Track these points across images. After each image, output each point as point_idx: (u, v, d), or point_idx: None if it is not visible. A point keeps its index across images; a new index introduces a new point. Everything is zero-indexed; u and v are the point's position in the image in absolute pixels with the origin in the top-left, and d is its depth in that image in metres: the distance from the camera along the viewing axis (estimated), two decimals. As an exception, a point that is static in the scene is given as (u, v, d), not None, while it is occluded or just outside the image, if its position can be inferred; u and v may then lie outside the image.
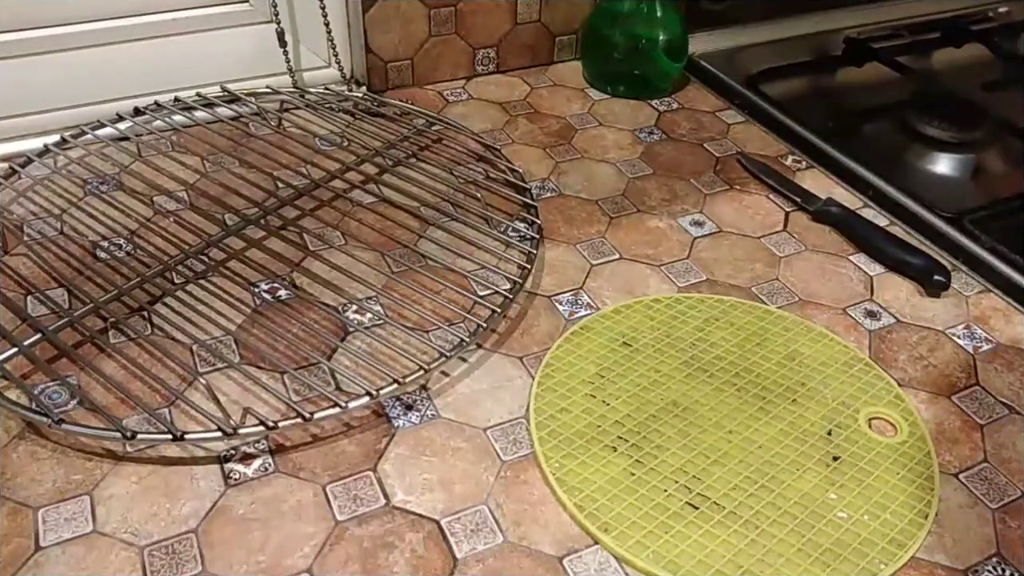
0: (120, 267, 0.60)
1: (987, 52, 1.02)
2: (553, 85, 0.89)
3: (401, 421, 0.52)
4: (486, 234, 0.66)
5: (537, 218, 0.67)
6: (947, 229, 0.68)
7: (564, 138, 0.80)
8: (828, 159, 0.77)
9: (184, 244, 0.62)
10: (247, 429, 0.49)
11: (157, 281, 0.60)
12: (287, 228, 0.66)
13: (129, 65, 0.80)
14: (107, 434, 0.48)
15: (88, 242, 0.63)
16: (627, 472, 0.48)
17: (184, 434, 0.48)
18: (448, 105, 0.84)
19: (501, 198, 0.70)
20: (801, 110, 0.84)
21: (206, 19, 0.84)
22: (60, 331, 0.55)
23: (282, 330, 0.56)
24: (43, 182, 0.69)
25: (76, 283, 0.59)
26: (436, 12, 0.83)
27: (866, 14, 1.04)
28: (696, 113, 0.85)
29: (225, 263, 0.62)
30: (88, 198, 0.67)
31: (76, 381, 0.52)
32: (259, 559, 0.44)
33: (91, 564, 0.43)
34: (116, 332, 0.56)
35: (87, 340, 0.55)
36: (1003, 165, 0.82)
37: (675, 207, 0.71)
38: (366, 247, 0.64)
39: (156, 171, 0.70)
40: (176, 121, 0.76)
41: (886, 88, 0.93)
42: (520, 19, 0.88)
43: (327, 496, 0.47)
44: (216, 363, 0.54)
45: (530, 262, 0.62)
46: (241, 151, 0.74)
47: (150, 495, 0.46)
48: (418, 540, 0.45)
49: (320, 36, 0.81)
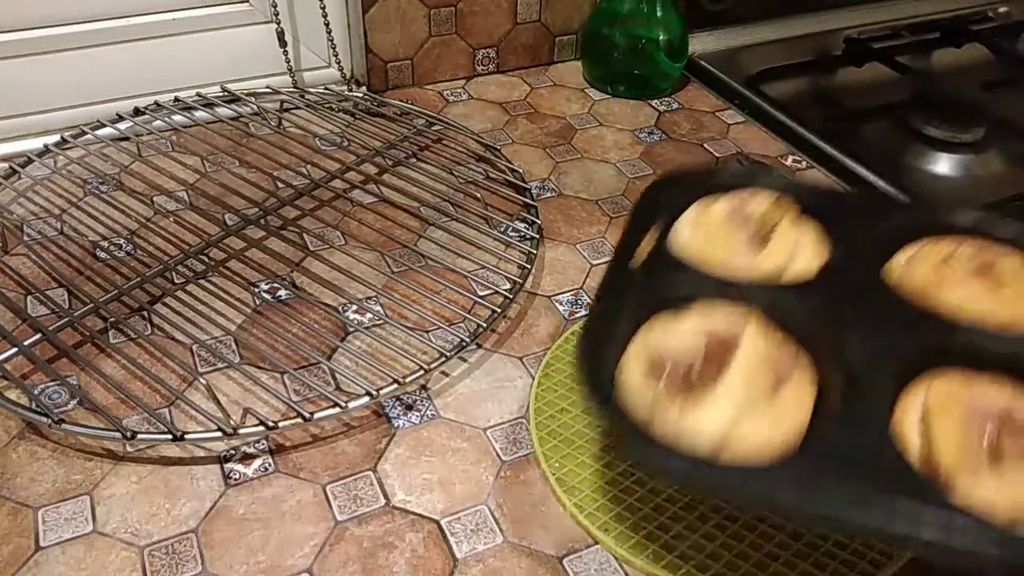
0: (120, 267, 0.61)
1: (987, 52, 1.02)
2: (553, 85, 0.89)
3: (401, 421, 0.52)
4: (486, 234, 0.66)
5: (537, 218, 0.67)
6: (947, 229, 0.68)
7: (564, 138, 0.80)
8: (828, 159, 0.77)
9: (184, 244, 0.62)
10: (247, 429, 0.49)
11: (157, 281, 0.60)
12: (287, 228, 0.66)
13: (129, 65, 0.80)
14: (107, 434, 0.48)
15: (88, 242, 0.63)
16: (627, 472, 0.48)
17: (184, 434, 0.48)
18: (448, 105, 0.84)
19: (501, 198, 0.70)
20: (801, 110, 0.84)
21: (206, 19, 0.84)
22: (60, 331, 0.55)
23: (282, 330, 0.56)
24: (43, 182, 0.69)
25: (76, 283, 0.59)
26: (436, 12, 0.83)
27: (866, 14, 1.04)
28: (696, 113, 0.85)
29: (225, 263, 0.62)
30: (88, 198, 0.67)
31: (76, 381, 0.52)
32: (259, 559, 0.44)
33: (91, 564, 0.43)
34: (116, 332, 0.56)
35: (87, 340, 0.55)
36: (1003, 165, 0.82)
37: (675, 207, 0.71)
38: (366, 247, 0.64)
39: (156, 171, 0.70)
40: (176, 121, 0.76)
41: (886, 88, 0.93)
42: (520, 19, 0.88)
43: (327, 496, 0.47)
44: (216, 363, 0.54)
45: (530, 262, 0.62)
46: (241, 151, 0.74)
47: (150, 495, 0.46)
48: (418, 540, 0.45)
49: (320, 36, 0.81)
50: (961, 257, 0.47)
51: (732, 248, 0.48)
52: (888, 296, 0.46)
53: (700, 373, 0.39)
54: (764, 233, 0.49)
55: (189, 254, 0.62)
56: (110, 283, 0.59)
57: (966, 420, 0.38)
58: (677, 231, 0.50)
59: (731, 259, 0.48)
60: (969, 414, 0.38)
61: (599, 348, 0.42)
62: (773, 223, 0.49)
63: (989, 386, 0.40)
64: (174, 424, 0.49)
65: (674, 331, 0.42)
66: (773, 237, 0.49)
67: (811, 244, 0.50)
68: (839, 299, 0.45)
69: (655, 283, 0.46)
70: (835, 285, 0.47)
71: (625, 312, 0.44)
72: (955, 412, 0.38)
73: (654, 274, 0.47)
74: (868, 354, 0.42)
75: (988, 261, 0.47)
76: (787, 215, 0.50)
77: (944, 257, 0.47)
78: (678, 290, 0.46)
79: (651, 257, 0.47)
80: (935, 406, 0.39)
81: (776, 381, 0.40)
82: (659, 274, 0.47)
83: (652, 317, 0.44)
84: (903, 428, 0.39)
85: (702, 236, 0.49)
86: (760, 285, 0.46)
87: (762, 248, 0.48)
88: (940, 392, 0.40)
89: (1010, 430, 0.37)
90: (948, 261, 0.47)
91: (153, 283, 0.59)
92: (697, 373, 0.39)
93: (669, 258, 0.48)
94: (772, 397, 0.39)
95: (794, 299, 0.45)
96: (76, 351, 0.54)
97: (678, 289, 0.46)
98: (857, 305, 0.45)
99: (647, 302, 0.45)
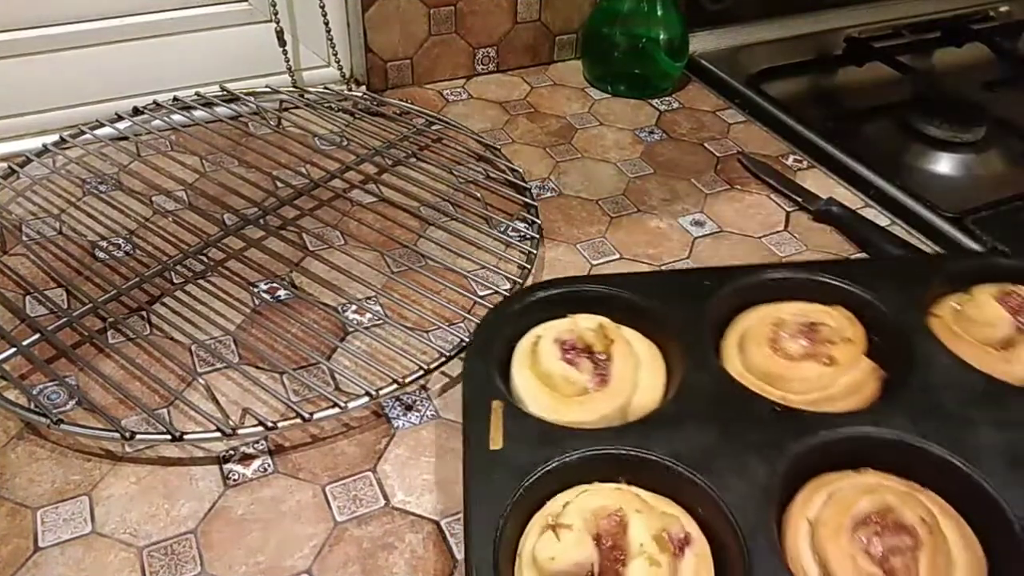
0: (119, 267, 0.60)
1: (988, 51, 1.02)
2: (553, 84, 0.89)
3: (401, 422, 0.51)
4: (486, 234, 0.66)
5: (537, 218, 0.66)
6: (949, 229, 0.67)
7: (564, 138, 0.80)
8: (829, 158, 0.77)
9: (183, 244, 0.62)
10: (246, 430, 0.48)
11: (156, 281, 0.59)
12: (286, 228, 0.66)
13: (128, 65, 0.80)
14: (106, 434, 0.48)
15: (87, 242, 0.63)
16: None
17: (183, 435, 0.48)
18: (448, 105, 0.84)
19: (501, 198, 0.70)
20: (802, 109, 0.84)
21: (205, 18, 0.83)
22: (59, 331, 0.55)
23: (281, 330, 0.56)
24: (42, 182, 0.69)
25: (75, 283, 0.59)
26: (436, 11, 0.83)
27: (867, 13, 1.04)
28: (697, 112, 0.85)
29: (224, 263, 0.62)
30: (87, 198, 0.67)
31: (75, 381, 0.52)
32: (258, 560, 0.43)
33: (90, 565, 0.43)
34: (115, 332, 0.56)
35: (86, 340, 0.55)
36: (1004, 165, 0.82)
37: (675, 207, 0.71)
38: (366, 247, 0.64)
39: (155, 171, 0.70)
40: (175, 121, 0.76)
41: (887, 87, 0.93)
42: (520, 18, 0.88)
43: (326, 497, 0.47)
44: (215, 363, 0.54)
45: (530, 262, 0.62)
46: (240, 151, 0.73)
47: (149, 495, 0.46)
48: (418, 541, 0.45)
49: (319, 35, 0.80)
50: (788, 328, 0.50)
51: (574, 393, 0.47)
52: (737, 398, 0.46)
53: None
54: (601, 367, 0.48)
55: (188, 254, 0.62)
56: (109, 283, 0.58)
57: (855, 550, 0.39)
58: (520, 389, 0.47)
59: (578, 408, 0.46)
60: (854, 538, 0.39)
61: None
62: (605, 352, 0.48)
63: (857, 491, 0.41)
64: (173, 424, 0.49)
65: (560, 550, 0.38)
66: (610, 369, 0.48)
67: (647, 363, 0.49)
68: (694, 424, 0.44)
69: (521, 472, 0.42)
70: (683, 404, 0.45)
71: (508, 521, 0.40)
72: (841, 540, 0.39)
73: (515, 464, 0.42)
74: (744, 490, 0.41)
75: (811, 327, 0.50)
76: (613, 338, 0.49)
77: (771, 335, 0.49)
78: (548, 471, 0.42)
79: (507, 439, 0.43)
80: (823, 539, 0.40)
81: (676, 549, 0.39)
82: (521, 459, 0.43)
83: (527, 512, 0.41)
84: (800, 564, 0.40)
85: (544, 390, 0.47)
86: (619, 431, 0.44)
87: (603, 385, 0.47)
88: (823, 519, 0.41)
89: (893, 545, 0.39)
90: (777, 337, 0.49)
91: (152, 283, 0.59)
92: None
93: (528, 433, 0.44)
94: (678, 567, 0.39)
95: (656, 446, 0.43)
96: (75, 351, 0.54)
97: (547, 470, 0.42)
98: (711, 422, 0.44)
99: (521, 499, 0.41)
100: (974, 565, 0.40)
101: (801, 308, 0.52)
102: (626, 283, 0.53)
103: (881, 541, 0.39)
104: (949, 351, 0.49)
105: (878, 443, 0.43)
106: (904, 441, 0.43)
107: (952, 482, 0.42)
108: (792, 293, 0.53)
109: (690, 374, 0.47)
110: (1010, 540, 0.40)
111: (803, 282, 0.53)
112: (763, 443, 0.43)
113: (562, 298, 0.52)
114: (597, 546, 0.38)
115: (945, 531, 0.40)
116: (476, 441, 0.43)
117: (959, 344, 0.50)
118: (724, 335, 0.52)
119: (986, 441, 0.43)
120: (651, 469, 0.42)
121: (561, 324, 0.50)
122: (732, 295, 0.53)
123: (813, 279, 0.53)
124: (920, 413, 0.44)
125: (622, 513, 0.39)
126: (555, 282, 0.54)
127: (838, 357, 0.48)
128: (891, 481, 0.43)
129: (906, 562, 0.38)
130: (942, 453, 0.42)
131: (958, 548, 0.40)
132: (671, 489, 0.42)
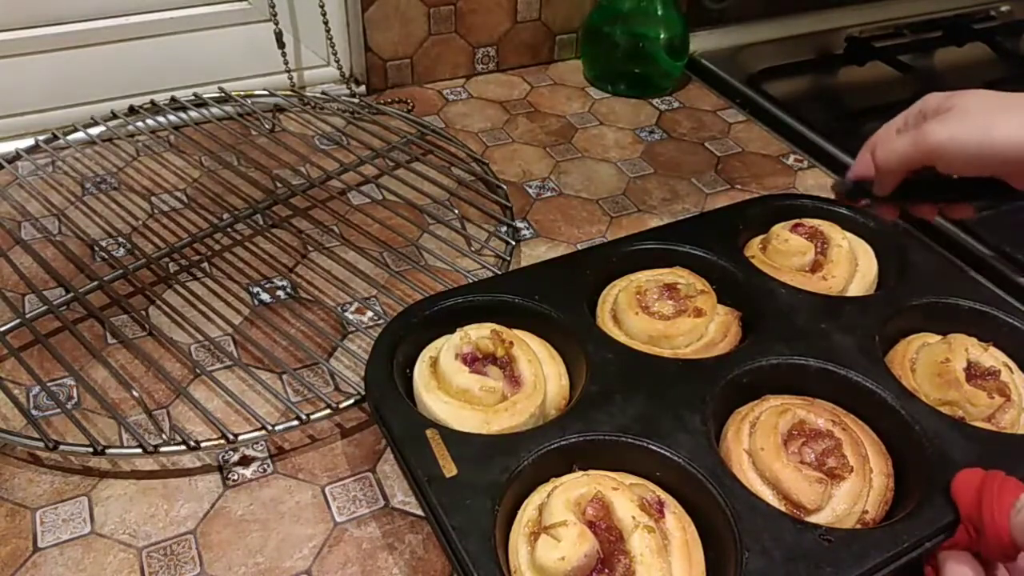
0: (117, 266, 0.60)
1: (989, 51, 1.02)
2: (553, 84, 0.89)
3: (401, 422, 0.51)
4: (486, 234, 0.66)
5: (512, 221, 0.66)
6: (949, 228, 0.67)
7: (564, 137, 0.80)
8: (829, 158, 0.77)
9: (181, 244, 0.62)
10: (246, 431, 0.48)
11: (154, 281, 0.59)
12: (286, 228, 0.65)
13: (126, 64, 0.80)
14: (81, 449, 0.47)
15: (84, 241, 0.63)
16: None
17: (184, 439, 0.48)
18: (448, 104, 0.84)
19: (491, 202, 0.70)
20: (803, 109, 0.84)
21: (203, 18, 0.83)
22: (58, 332, 0.55)
23: (281, 330, 0.56)
24: (36, 181, 0.68)
25: (73, 282, 0.59)
26: (435, 11, 0.83)
27: (868, 12, 1.04)
28: (697, 112, 0.85)
29: (224, 263, 0.62)
30: (85, 197, 0.67)
31: (73, 382, 0.52)
32: (258, 560, 0.43)
33: (89, 565, 0.43)
34: (114, 332, 0.56)
35: (85, 341, 0.55)
36: (1005, 164, 0.82)
37: (676, 206, 0.71)
38: (365, 247, 0.64)
39: (153, 171, 0.70)
40: (173, 121, 0.76)
41: (888, 87, 0.93)
42: (520, 17, 0.88)
43: (326, 497, 0.47)
44: (215, 363, 0.54)
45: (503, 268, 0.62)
46: (239, 151, 0.73)
47: (148, 496, 0.46)
48: (417, 542, 0.45)
49: (319, 35, 0.80)
50: (651, 293, 0.54)
51: (495, 402, 0.46)
52: (644, 363, 0.49)
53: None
54: (508, 370, 0.48)
55: (187, 254, 0.61)
56: (107, 283, 0.58)
57: (795, 462, 0.44)
58: (438, 413, 0.46)
59: (506, 415, 0.45)
60: (789, 454, 0.44)
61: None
62: (507, 355, 0.48)
63: (773, 415, 0.46)
64: (173, 425, 0.49)
65: (566, 548, 0.38)
66: (519, 370, 0.47)
67: (543, 355, 0.50)
68: (621, 397, 0.46)
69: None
70: (603, 383, 0.47)
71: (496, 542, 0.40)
72: (781, 458, 0.44)
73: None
74: (691, 443, 0.44)
75: (669, 287, 0.54)
76: (511, 339, 0.49)
77: (640, 302, 0.53)
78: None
79: (456, 463, 0.42)
80: (765, 463, 0.44)
81: (656, 513, 0.41)
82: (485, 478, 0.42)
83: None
84: (756, 490, 0.43)
85: (466, 407, 0.46)
86: (559, 423, 0.45)
87: (518, 387, 0.47)
88: (757, 447, 0.44)
89: (821, 448, 0.45)
90: (646, 303, 0.53)
91: (150, 283, 0.59)
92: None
93: (474, 451, 0.43)
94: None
95: (600, 427, 0.44)
96: (73, 352, 0.54)
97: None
98: (634, 392, 0.47)
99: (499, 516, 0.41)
100: (877, 446, 0.46)
101: (650, 275, 0.56)
102: (477, 288, 0.54)
103: (811, 449, 0.45)
104: (781, 282, 0.55)
105: (769, 370, 0.49)
106: (789, 363, 0.49)
107: (832, 384, 0.49)
108: (636, 264, 0.57)
109: (594, 354, 0.49)
110: (892, 416, 0.47)
111: (639, 252, 0.57)
112: (686, 396, 0.47)
113: (428, 319, 0.51)
114: (594, 532, 0.39)
115: (851, 425, 0.46)
116: (428, 474, 0.42)
117: (781, 275, 0.56)
118: (595, 314, 0.54)
119: (842, 344, 0.50)
120: (603, 449, 0.44)
121: (453, 340, 0.48)
122: (592, 276, 0.55)
123: (646, 248, 0.57)
124: (788, 337, 0.51)
125: (602, 496, 0.40)
126: (417, 306, 0.52)
127: (703, 307, 0.52)
128: (790, 399, 0.48)
129: (837, 459, 0.44)
130: (819, 364, 0.49)
131: (863, 434, 0.46)
132: (622, 463, 0.44)
